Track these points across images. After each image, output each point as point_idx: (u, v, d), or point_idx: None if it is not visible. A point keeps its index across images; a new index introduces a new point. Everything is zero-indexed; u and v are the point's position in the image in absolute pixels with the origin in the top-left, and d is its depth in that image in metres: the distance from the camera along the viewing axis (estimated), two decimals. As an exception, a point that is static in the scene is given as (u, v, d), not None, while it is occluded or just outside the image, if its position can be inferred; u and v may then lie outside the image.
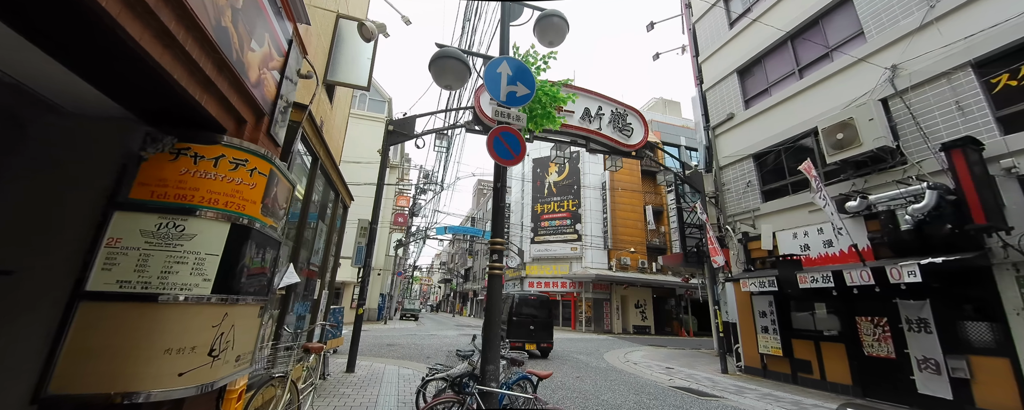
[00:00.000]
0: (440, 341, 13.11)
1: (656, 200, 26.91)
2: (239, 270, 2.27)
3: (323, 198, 6.03)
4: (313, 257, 5.22)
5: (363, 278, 7.07)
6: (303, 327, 4.84)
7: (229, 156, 2.32)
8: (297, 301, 4.80)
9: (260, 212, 2.46)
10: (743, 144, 10.48)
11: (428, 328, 20.40)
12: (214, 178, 2.25)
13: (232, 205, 2.28)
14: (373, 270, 23.05)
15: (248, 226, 2.34)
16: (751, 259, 9.68)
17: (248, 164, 2.39)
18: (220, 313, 2.17)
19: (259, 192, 2.44)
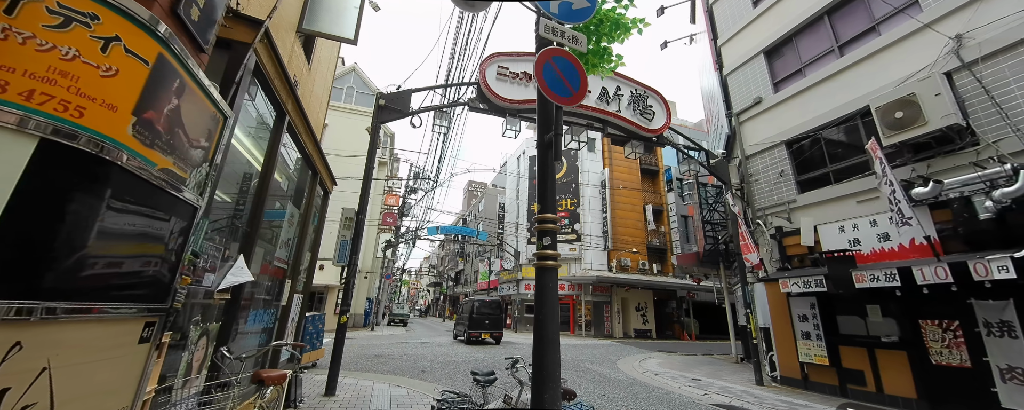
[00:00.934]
0: (434, 350, 11.78)
1: (656, 199, 26.07)
2: (71, 245, 1.02)
3: (299, 180, 4.76)
4: (279, 251, 3.93)
5: (347, 278, 5.79)
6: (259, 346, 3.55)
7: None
8: (255, 309, 3.51)
9: (131, 132, 1.21)
10: (773, 130, 9.53)
11: (419, 334, 18.99)
12: (5, 37, 1.00)
13: (52, 102, 1.03)
14: (360, 272, 21.53)
15: (97, 154, 1.10)
16: (787, 256, 8.68)
17: (101, 25, 1.14)
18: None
19: (129, 90, 1.20)
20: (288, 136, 4.05)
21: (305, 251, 4.89)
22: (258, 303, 3.56)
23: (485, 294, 29.32)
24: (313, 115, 5.18)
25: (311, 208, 4.77)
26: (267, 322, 3.81)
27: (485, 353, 11.39)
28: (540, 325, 2.15)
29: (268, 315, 3.82)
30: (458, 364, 9.07)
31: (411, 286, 75.01)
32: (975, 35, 6.57)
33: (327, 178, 5.50)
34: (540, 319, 2.16)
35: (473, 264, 38.60)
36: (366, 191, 6.25)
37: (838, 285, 7.10)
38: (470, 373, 3.74)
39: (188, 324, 2.36)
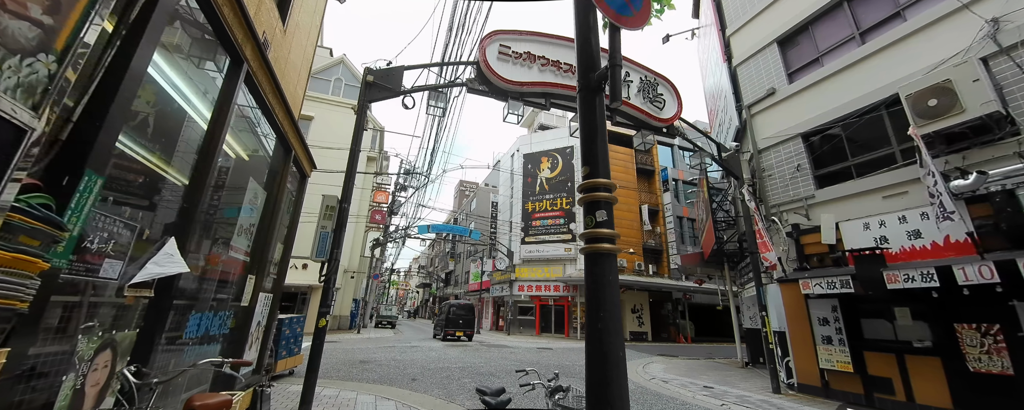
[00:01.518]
0: (425, 355, 10.99)
1: (652, 200, 25.66)
2: None
3: (272, 162, 3.99)
4: (238, 238, 3.16)
5: (328, 275, 5.01)
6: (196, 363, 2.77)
7: None
8: (200, 311, 2.73)
9: None
10: (788, 122, 9.03)
11: (408, 337, 18.12)
12: None
13: None
14: (346, 272, 20.55)
15: None
16: (805, 256, 8.15)
17: None
18: None
19: None
20: (252, 97, 3.30)
21: (275, 242, 4.11)
22: (204, 304, 2.78)
23: (476, 295, 28.53)
24: (289, 86, 4.41)
25: (283, 191, 4.00)
26: (219, 328, 3.02)
27: (479, 357, 10.65)
28: (599, 337, 1.45)
29: (220, 319, 3.04)
30: (452, 371, 8.31)
31: (400, 287, 73.72)
32: (1012, 18, 6.12)
33: (305, 159, 4.73)
34: (599, 328, 1.46)
35: (464, 264, 37.75)
36: (351, 177, 5.48)
37: (867, 286, 6.58)
38: (475, 391, 3.02)
39: (72, 332, 1.60)
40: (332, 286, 5.09)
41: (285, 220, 4.60)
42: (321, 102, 22.31)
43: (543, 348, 14.36)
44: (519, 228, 24.46)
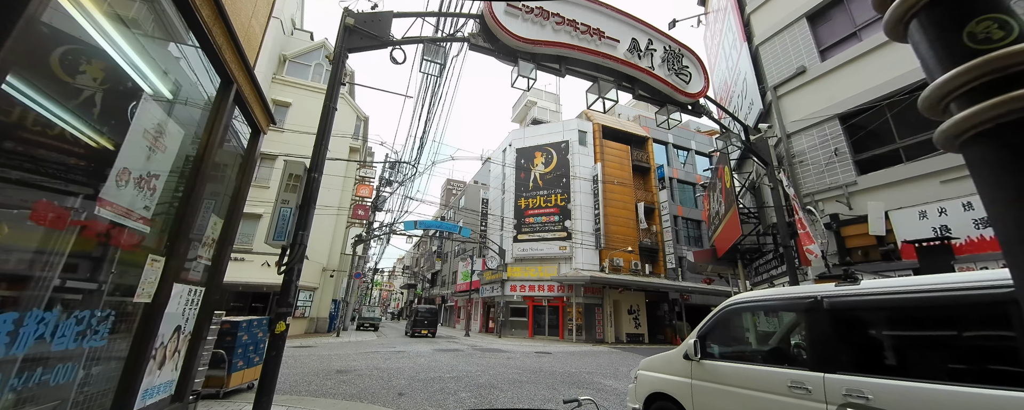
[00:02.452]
0: (412, 362, 9.72)
1: (648, 197, 24.89)
2: None
3: (202, 93, 2.76)
4: (120, 190, 1.91)
5: (289, 264, 3.79)
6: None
7: None
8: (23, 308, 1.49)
9: None
10: (822, 103, 8.17)
11: (392, 341, 16.74)
12: None
13: None
14: (325, 270, 19.00)
15: None
16: (847, 249, 7.26)
17: None
18: None
19: None
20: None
21: (205, 212, 2.87)
22: (35, 296, 1.56)
23: (466, 295, 27.23)
24: (238, 18, 3.18)
25: (217, 136, 2.76)
26: (82, 339, 1.78)
27: (474, 364, 9.46)
28: None
29: (86, 324, 1.80)
30: (445, 382, 7.10)
31: (383, 288, 71.59)
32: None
33: (256, 105, 3.49)
34: None
35: (451, 264, 36.36)
36: (323, 138, 4.27)
37: (932, 282, 5.69)
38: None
39: None
40: (294, 280, 3.85)
41: (228, 189, 3.36)
42: (300, 88, 20.76)
43: (541, 352, 13.23)
44: (511, 225, 23.31)
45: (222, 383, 5.62)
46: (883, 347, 2.63)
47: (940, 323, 2.41)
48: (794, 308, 3.16)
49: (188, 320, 2.88)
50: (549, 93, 30.60)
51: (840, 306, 2.71)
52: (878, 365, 2.52)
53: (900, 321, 2.58)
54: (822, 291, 2.86)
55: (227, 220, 3.33)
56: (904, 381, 2.25)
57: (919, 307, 2.38)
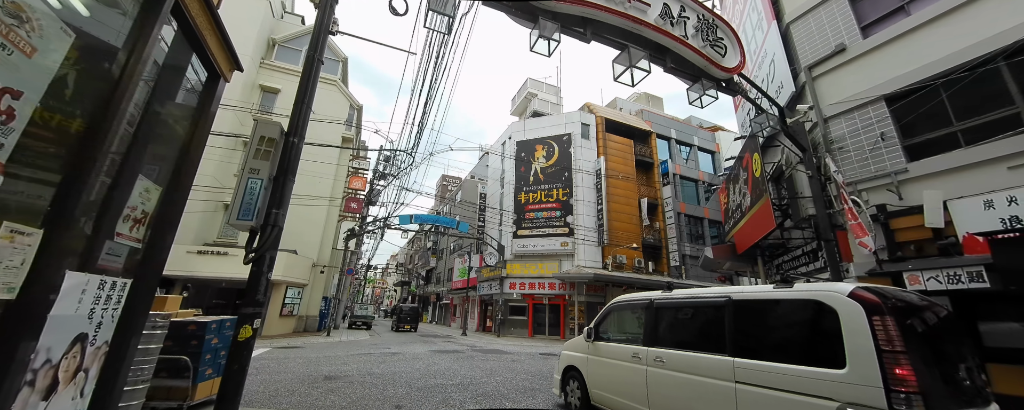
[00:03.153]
0: (409, 365, 8.87)
1: (651, 193, 24.21)
2: None
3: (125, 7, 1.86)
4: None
5: (259, 251, 2.93)
6: None
7: None
8: None
9: None
10: (864, 83, 7.44)
11: (386, 341, 15.85)
12: None
13: None
14: (315, 266, 18.02)
15: None
16: (897, 243, 6.54)
17: None
18: None
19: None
20: None
21: (126, 170, 1.98)
22: None
23: (462, 293, 26.35)
24: None
25: (140, 66, 1.88)
26: None
27: (477, 368, 8.65)
28: None
29: None
30: (448, 391, 6.27)
31: (376, 285, 70.44)
32: None
33: (214, 41, 2.59)
34: None
35: (447, 261, 35.46)
36: (306, 94, 3.40)
37: (1011, 279, 4.98)
38: None
39: None
40: (265, 271, 2.99)
41: (173, 149, 2.48)
42: (290, 74, 19.67)
43: (546, 354, 12.45)
44: (511, 221, 22.48)
45: (186, 395, 4.72)
46: (674, 330, 4.15)
47: (693, 318, 3.97)
48: (640, 307, 4.59)
49: (101, 326, 2.01)
50: (550, 85, 29.77)
51: (660, 306, 4.30)
52: (670, 341, 4.06)
53: (680, 316, 4.11)
54: (655, 296, 4.45)
55: (170, 189, 2.45)
56: (678, 350, 3.84)
57: (689, 307, 4.03)
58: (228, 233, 16.75)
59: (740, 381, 3.21)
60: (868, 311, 2.68)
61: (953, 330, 3.09)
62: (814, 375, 2.78)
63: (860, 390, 2.55)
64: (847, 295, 2.81)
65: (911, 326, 2.69)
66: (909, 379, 2.42)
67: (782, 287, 3.29)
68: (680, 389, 3.66)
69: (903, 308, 2.78)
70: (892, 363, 2.48)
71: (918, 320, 2.83)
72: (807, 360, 2.89)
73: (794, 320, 3.18)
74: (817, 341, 2.93)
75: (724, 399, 3.25)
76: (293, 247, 16.68)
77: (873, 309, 2.68)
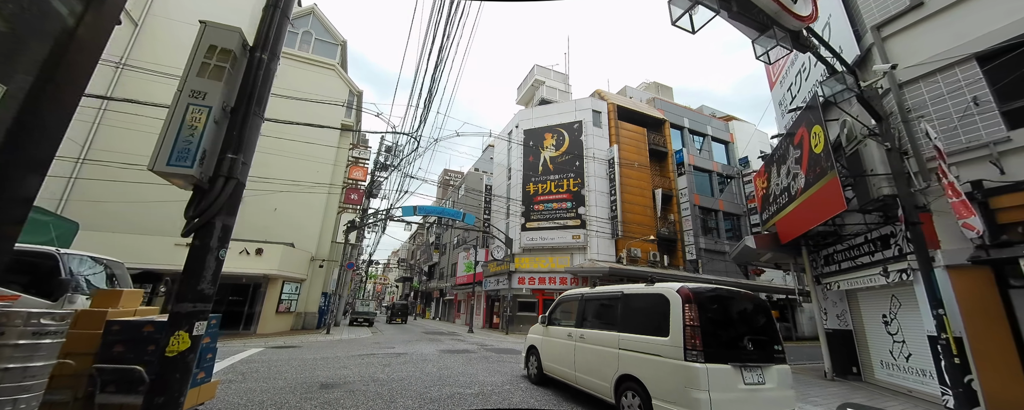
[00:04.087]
0: (417, 368, 7.89)
1: (665, 184, 23.13)
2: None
3: None
4: None
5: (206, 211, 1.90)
6: None
7: None
8: None
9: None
10: (948, 42, 6.36)
11: (390, 339, 14.89)
12: None
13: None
14: (313, 260, 17.04)
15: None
16: (999, 226, 5.49)
17: None
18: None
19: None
20: None
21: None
22: None
23: (468, 288, 25.36)
24: None
25: None
26: None
27: (495, 372, 7.67)
28: None
29: None
30: (467, 400, 5.28)
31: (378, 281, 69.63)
32: None
33: None
34: None
35: (450, 256, 34.49)
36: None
37: None
38: None
39: None
40: (215, 249, 1.96)
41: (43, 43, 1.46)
42: (286, 57, 18.56)
43: (564, 354, 11.45)
44: (519, 213, 21.44)
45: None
46: (596, 315, 5.57)
47: (603, 306, 5.44)
48: (577, 299, 6.10)
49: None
50: (558, 72, 28.61)
51: (587, 298, 5.88)
52: (589, 323, 5.58)
53: (600, 305, 5.53)
54: (585, 292, 6.09)
55: (36, 91, 1.41)
56: (591, 329, 5.37)
57: (602, 299, 5.52)
58: (221, 225, 15.77)
59: (622, 347, 4.66)
60: (683, 301, 4.07)
61: (752, 316, 4.43)
62: (656, 341, 4.21)
63: (674, 349, 3.96)
64: (676, 291, 4.23)
65: (708, 312, 4.07)
66: (697, 342, 3.86)
67: (649, 286, 4.78)
68: (591, 355, 5.23)
69: (706, 300, 4.16)
70: (691, 333, 3.90)
71: (715, 309, 4.20)
72: (654, 332, 4.30)
73: (651, 308, 4.50)
74: (660, 320, 4.25)
75: (614, 359, 4.71)
76: (290, 239, 15.69)
77: (686, 300, 4.07)
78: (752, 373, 4.00)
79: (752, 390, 3.91)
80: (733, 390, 3.80)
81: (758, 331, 4.27)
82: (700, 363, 3.77)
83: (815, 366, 10.89)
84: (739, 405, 3.81)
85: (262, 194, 16.04)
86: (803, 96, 9.72)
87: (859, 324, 8.79)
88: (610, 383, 4.67)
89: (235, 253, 13.80)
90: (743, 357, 4.02)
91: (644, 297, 4.71)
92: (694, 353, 3.83)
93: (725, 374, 3.82)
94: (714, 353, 3.87)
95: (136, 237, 12.96)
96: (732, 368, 3.90)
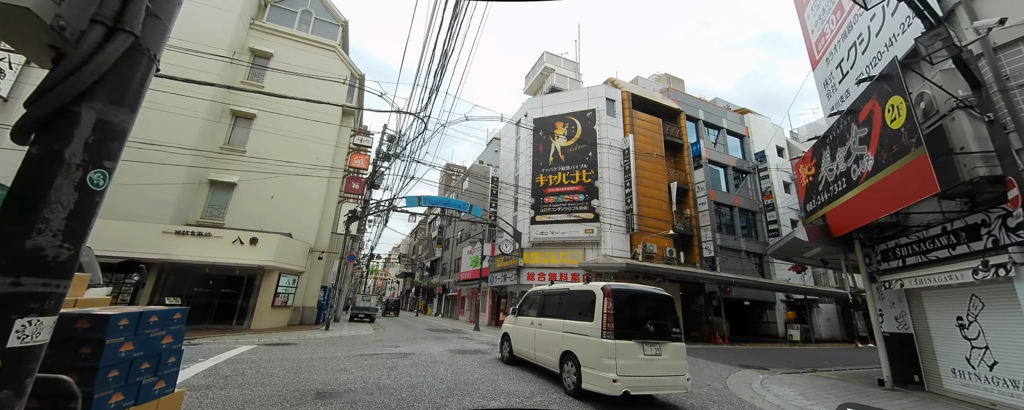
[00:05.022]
0: (428, 372, 6.94)
1: (680, 177, 22.13)
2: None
3: None
4: None
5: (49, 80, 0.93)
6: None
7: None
8: None
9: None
10: (1066, -7, 5.34)
11: (393, 336, 13.98)
12: None
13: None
14: (312, 252, 16.09)
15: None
16: None
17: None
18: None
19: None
20: None
21: None
22: None
23: (473, 284, 24.46)
24: None
25: None
26: None
27: (520, 381, 6.72)
28: None
29: None
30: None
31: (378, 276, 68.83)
32: None
33: None
34: None
35: (454, 251, 33.55)
36: None
37: None
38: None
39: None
40: (67, 173, 0.96)
41: None
42: (283, 37, 17.57)
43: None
44: (528, 206, 20.46)
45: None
46: (550, 307, 6.92)
47: (555, 300, 6.84)
48: (539, 295, 7.60)
49: None
50: (568, 60, 27.53)
51: (545, 293, 7.37)
52: (546, 313, 6.92)
53: (551, 300, 6.96)
54: (543, 289, 7.59)
55: None
56: (547, 318, 6.80)
57: (555, 294, 6.98)
58: (214, 213, 14.81)
59: (565, 331, 6.15)
60: (604, 296, 5.54)
61: (656, 307, 5.79)
62: (585, 325, 5.67)
63: (595, 330, 5.42)
64: (600, 288, 5.70)
65: (621, 304, 5.49)
66: (611, 326, 5.29)
67: (585, 284, 6.25)
68: (545, 338, 6.68)
69: (620, 295, 5.58)
70: (607, 319, 5.35)
71: (627, 301, 5.60)
72: (585, 318, 5.74)
73: (584, 300, 5.95)
74: (589, 309, 5.72)
75: (560, 339, 6.18)
76: (288, 229, 14.74)
77: (606, 295, 5.54)
78: (651, 347, 5.38)
79: (650, 358, 5.33)
80: (635, 358, 5.22)
81: (659, 318, 5.67)
82: (611, 340, 5.22)
83: (858, 372, 9.95)
84: (639, 368, 5.20)
85: (258, 180, 15.08)
86: (859, 71, 8.72)
87: (923, 327, 7.82)
88: (556, 358, 6.14)
89: (228, 242, 12.86)
90: (645, 336, 5.42)
91: (582, 292, 6.15)
92: (608, 332, 5.28)
93: (630, 347, 5.23)
94: (622, 333, 5.29)
95: (120, 223, 12.01)
96: (635, 343, 5.29)
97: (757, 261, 24.18)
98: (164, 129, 13.45)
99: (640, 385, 5.09)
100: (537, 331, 7.01)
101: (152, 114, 13.61)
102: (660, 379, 5.28)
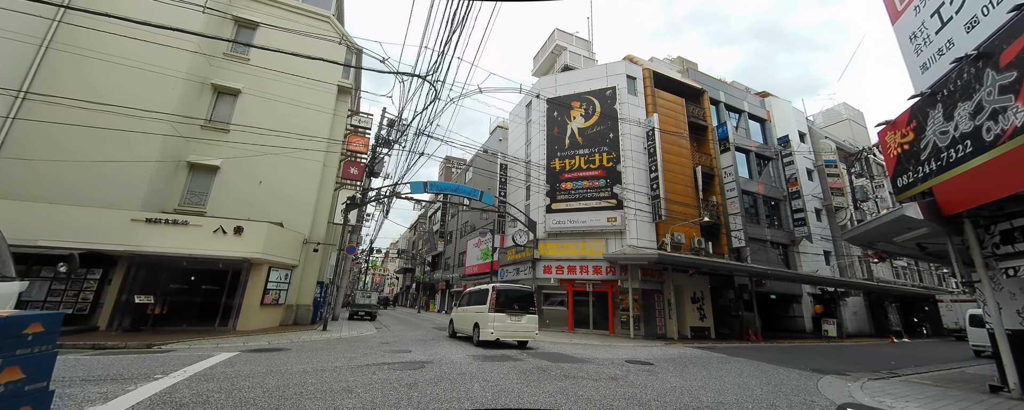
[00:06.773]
0: (458, 391, 5.37)
1: (705, 161, 20.57)
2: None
3: None
4: None
5: None
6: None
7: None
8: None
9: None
10: None
11: (398, 336, 12.40)
12: None
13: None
14: (307, 243, 14.42)
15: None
16: None
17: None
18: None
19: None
20: None
21: None
22: None
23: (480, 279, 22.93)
24: None
25: None
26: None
27: (590, 403, 5.16)
28: None
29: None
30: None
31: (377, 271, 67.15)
32: None
33: None
34: None
35: (457, 245, 31.95)
36: None
37: None
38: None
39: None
40: None
41: None
42: (271, 5, 15.73)
43: (637, 362, 8.97)
44: (542, 193, 18.84)
45: None
46: (470, 299, 12.15)
47: (476, 295, 11.97)
48: (471, 292, 12.45)
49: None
50: (580, 39, 25.77)
51: (471, 292, 12.48)
52: (469, 304, 12.07)
53: (476, 294, 11.96)
54: (471, 290, 12.74)
55: None
56: (472, 306, 11.74)
57: (477, 291, 12.04)
58: (193, 200, 13.09)
59: (476, 312, 11.01)
60: (492, 290, 10.67)
61: (520, 296, 10.99)
62: (483, 307, 10.64)
63: (487, 308, 10.37)
64: (491, 287, 10.87)
65: (500, 294, 10.60)
66: (494, 305, 10.35)
67: (487, 284, 11.57)
68: (470, 318, 11.12)
69: (501, 289, 10.74)
70: (492, 302, 10.40)
71: (504, 292, 10.73)
72: (484, 304, 10.77)
73: (485, 294, 10.93)
74: (485, 299, 10.88)
75: (473, 316, 10.93)
76: (279, 218, 13.06)
77: (494, 289, 10.67)
78: (514, 317, 10.35)
79: (514, 321, 10.30)
80: (505, 322, 10.17)
81: (522, 302, 10.86)
82: (493, 312, 10.16)
83: (945, 374, 8.49)
84: (507, 328, 10.16)
85: (246, 157, 13.36)
86: (971, 14, 7.11)
87: (1065, 324, 6.32)
88: (471, 328, 10.91)
89: (208, 232, 11.17)
90: (511, 311, 10.42)
91: (483, 291, 11.15)
92: (492, 309, 10.21)
93: (503, 316, 10.19)
94: (499, 309, 10.28)
95: (82, 210, 10.30)
96: (506, 314, 10.28)
97: (782, 252, 22.77)
98: (133, 90, 11.73)
99: (506, 336, 10.16)
100: (466, 315, 11.62)
101: (116, 70, 11.84)
102: (518, 333, 10.34)
